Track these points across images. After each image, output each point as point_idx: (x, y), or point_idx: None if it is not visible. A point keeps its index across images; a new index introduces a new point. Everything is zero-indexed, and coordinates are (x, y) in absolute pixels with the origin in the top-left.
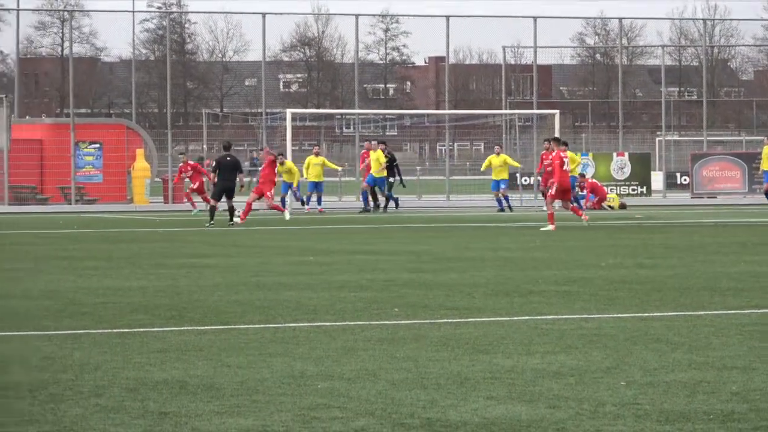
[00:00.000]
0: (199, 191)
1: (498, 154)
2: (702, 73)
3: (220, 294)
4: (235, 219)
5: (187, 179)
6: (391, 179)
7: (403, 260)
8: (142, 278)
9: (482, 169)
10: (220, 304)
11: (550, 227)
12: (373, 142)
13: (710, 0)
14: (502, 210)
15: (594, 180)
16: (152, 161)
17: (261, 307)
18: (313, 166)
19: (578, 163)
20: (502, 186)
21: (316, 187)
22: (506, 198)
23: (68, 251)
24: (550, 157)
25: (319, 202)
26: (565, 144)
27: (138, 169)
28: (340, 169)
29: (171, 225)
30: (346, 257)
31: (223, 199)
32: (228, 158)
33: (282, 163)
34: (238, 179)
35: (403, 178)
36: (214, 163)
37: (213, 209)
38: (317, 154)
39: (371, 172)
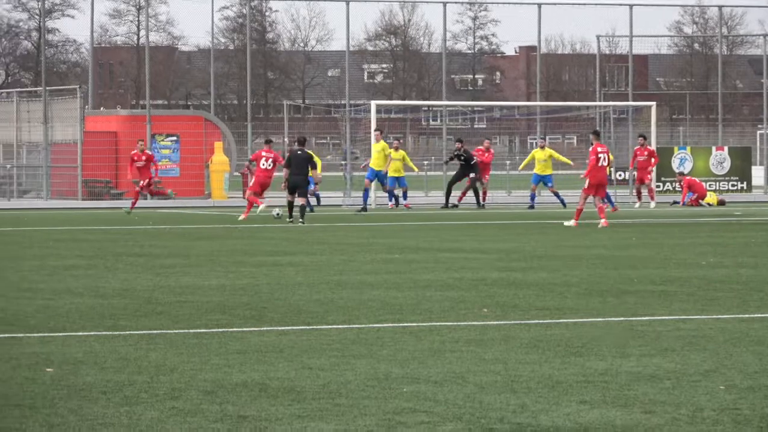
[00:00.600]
0: (147, 186)
1: (542, 147)
2: None
3: (301, 293)
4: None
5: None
6: (472, 175)
7: (492, 258)
8: (221, 276)
9: (521, 167)
10: (302, 303)
11: (572, 223)
12: (375, 132)
13: None
14: (532, 207)
15: (692, 177)
16: (231, 155)
17: (344, 307)
18: (393, 161)
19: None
20: (549, 183)
21: (398, 181)
22: (556, 194)
23: (144, 248)
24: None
25: (404, 197)
26: (598, 135)
27: (216, 163)
28: (416, 170)
29: (251, 221)
30: (432, 255)
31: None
32: (299, 152)
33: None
34: (311, 174)
35: (492, 173)
36: (286, 155)
37: (290, 204)
38: (397, 149)
39: (371, 165)
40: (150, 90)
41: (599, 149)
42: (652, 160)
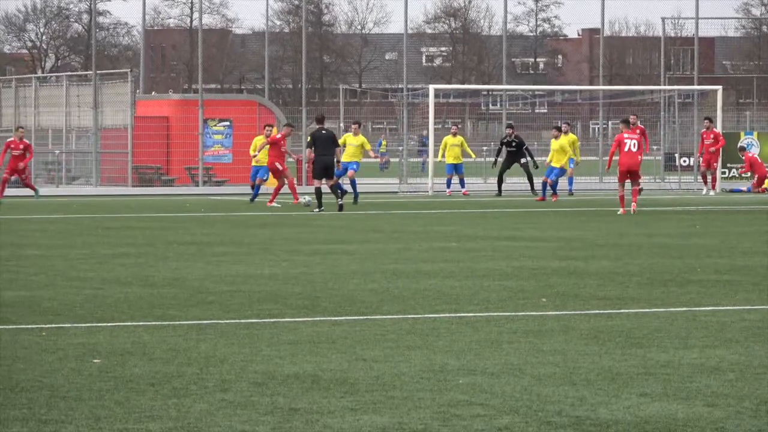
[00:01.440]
0: (19, 174)
1: (556, 137)
2: None
3: (356, 282)
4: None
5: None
6: (523, 160)
7: (552, 247)
8: (273, 265)
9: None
10: (356, 293)
11: (621, 211)
12: (354, 125)
13: None
14: (543, 198)
15: (755, 155)
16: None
17: (399, 297)
18: (451, 147)
19: (569, 155)
20: (553, 175)
21: (456, 169)
22: (553, 186)
23: (196, 236)
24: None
25: (462, 184)
26: (627, 123)
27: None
28: (474, 157)
29: (303, 209)
30: (490, 243)
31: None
32: (323, 131)
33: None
34: (335, 155)
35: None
36: (309, 138)
37: (319, 191)
38: (455, 134)
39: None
40: (203, 74)
41: (625, 136)
42: (719, 143)
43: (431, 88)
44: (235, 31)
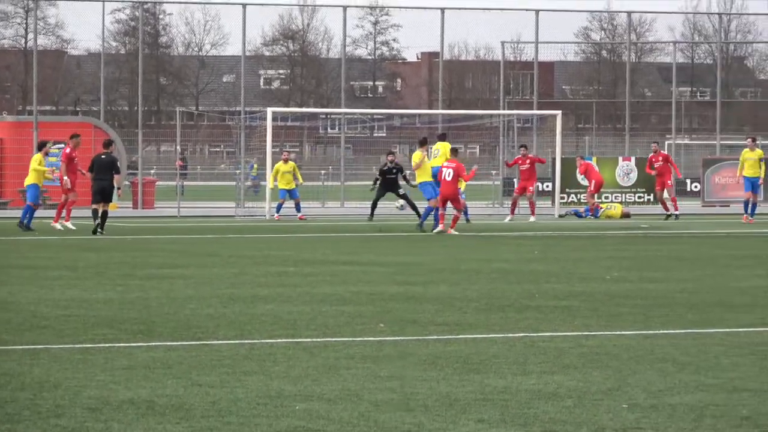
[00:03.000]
0: None
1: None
2: (716, 71)
3: (191, 307)
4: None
5: None
6: (401, 191)
7: (390, 272)
8: (108, 289)
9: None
10: (192, 318)
11: (439, 227)
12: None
13: None
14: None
15: (592, 163)
16: (121, 163)
17: (235, 322)
18: (283, 174)
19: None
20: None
21: (290, 194)
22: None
23: (30, 259)
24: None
25: (297, 209)
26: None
27: None
28: (302, 182)
29: (141, 232)
30: (328, 268)
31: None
32: (103, 156)
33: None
34: (115, 181)
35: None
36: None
37: (96, 212)
38: (286, 161)
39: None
40: (37, 95)
41: (445, 165)
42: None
43: (269, 111)
44: (71, 53)
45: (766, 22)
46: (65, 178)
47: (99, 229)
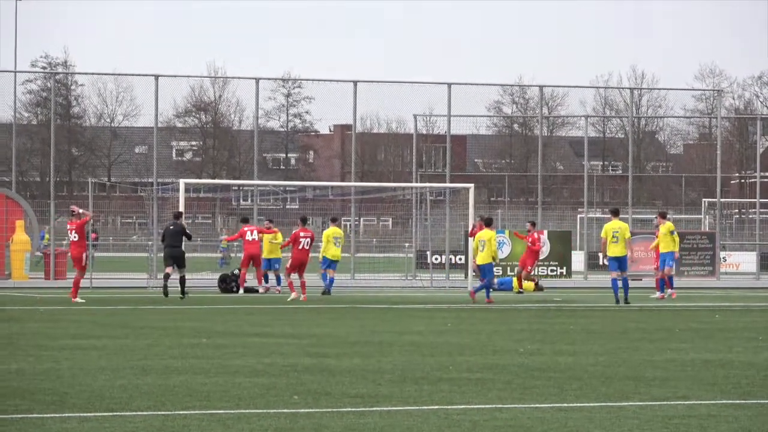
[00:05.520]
0: None
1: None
2: (628, 145)
3: (104, 378)
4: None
5: None
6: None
7: (304, 344)
8: (21, 360)
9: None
10: (105, 389)
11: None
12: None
13: (637, 68)
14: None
15: (536, 235)
16: (33, 234)
17: (149, 393)
18: (273, 244)
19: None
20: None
21: (270, 263)
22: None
23: None
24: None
25: (278, 281)
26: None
27: (17, 242)
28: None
29: (54, 303)
30: (241, 340)
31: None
32: (171, 227)
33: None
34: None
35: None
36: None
37: (167, 276)
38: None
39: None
40: None
41: (302, 234)
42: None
43: (182, 182)
44: None
45: (676, 97)
46: None
47: (181, 296)
